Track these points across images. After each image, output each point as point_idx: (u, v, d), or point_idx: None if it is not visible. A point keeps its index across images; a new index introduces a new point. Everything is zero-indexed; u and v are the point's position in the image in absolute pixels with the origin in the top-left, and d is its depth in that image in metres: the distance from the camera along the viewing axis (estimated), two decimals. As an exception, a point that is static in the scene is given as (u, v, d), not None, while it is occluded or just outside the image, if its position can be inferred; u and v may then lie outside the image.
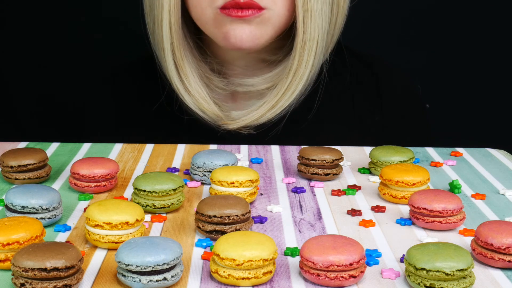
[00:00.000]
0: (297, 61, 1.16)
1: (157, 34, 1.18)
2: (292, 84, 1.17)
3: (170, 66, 1.18)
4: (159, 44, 1.18)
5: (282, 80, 1.18)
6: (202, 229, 0.82)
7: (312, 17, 1.13)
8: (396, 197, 0.94)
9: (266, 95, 1.20)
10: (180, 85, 1.19)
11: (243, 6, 1.12)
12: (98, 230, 0.78)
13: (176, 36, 1.16)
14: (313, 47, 1.15)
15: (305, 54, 1.15)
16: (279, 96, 1.18)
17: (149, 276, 0.70)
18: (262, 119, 1.19)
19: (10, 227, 0.74)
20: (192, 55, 1.21)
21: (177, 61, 1.18)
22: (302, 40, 1.15)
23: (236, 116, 1.21)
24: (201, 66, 1.22)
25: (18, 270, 0.68)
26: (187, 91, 1.19)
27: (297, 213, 0.91)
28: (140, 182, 0.89)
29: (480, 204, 0.95)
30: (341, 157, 1.02)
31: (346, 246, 0.72)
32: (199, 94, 1.19)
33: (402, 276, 0.75)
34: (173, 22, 1.15)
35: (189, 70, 1.19)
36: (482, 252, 0.77)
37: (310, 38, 1.14)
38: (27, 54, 1.66)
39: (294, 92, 1.17)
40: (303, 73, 1.16)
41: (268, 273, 0.72)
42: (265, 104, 1.19)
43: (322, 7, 1.14)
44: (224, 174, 0.92)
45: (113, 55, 1.63)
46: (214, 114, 1.20)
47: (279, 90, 1.18)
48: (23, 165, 0.98)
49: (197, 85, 1.19)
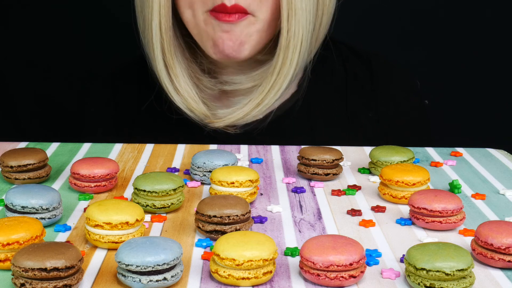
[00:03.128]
0: (281, 60, 1.17)
1: (147, 34, 1.18)
2: (276, 83, 1.18)
3: (160, 66, 1.19)
4: (149, 44, 1.19)
5: (266, 79, 1.18)
6: (202, 229, 0.82)
7: (296, 15, 1.14)
8: (396, 197, 0.94)
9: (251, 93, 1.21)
10: (169, 85, 1.20)
11: (230, 11, 1.13)
12: (98, 230, 0.79)
13: (166, 37, 1.17)
14: (298, 46, 1.16)
15: (289, 52, 1.16)
16: (263, 94, 1.19)
17: (149, 276, 0.70)
18: (248, 117, 1.20)
19: (10, 227, 0.74)
20: (183, 56, 1.22)
21: (167, 61, 1.19)
22: (286, 39, 1.15)
23: (222, 115, 1.22)
24: (192, 66, 1.23)
25: (18, 270, 0.68)
26: (177, 91, 1.20)
27: (297, 213, 0.91)
28: (140, 182, 0.89)
29: (480, 204, 0.95)
30: (341, 157, 1.02)
31: (346, 246, 0.72)
32: (188, 94, 1.20)
33: (402, 276, 0.75)
34: (163, 22, 1.16)
35: (179, 70, 1.20)
36: (482, 252, 0.77)
37: (295, 36, 1.15)
38: (27, 54, 1.66)
39: (278, 91, 1.18)
40: (287, 72, 1.17)
41: (268, 273, 0.72)
42: (250, 102, 1.20)
43: (306, 6, 1.14)
44: (224, 174, 0.92)
45: (113, 55, 1.63)
46: (202, 113, 1.21)
47: (264, 88, 1.19)
48: (23, 165, 0.98)
49: (187, 85, 1.20)
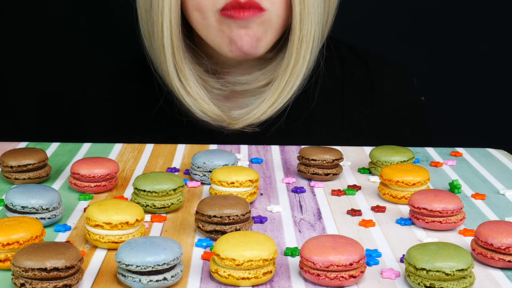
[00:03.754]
0: (294, 58, 1.16)
1: (156, 37, 1.17)
2: (290, 80, 1.17)
3: (170, 69, 1.17)
4: (159, 47, 1.17)
5: (279, 77, 1.18)
6: (202, 229, 0.82)
7: (309, 14, 1.13)
8: (396, 197, 0.94)
9: (263, 93, 1.21)
10: (180, 87, 1.19)
11: (244, 6, 1.12)
12: (98, 230, 0.78)
13: (176, 41, 1.16)
14: (310, 43, 1.16)
15: (302, 50, 1.16)
16: (278, 92, 1.18)
17: (149, 276, 0.70)
18: (264, 116, 1.20)
19: (10, 227, 0.74)
20: (189, 58, 1.21)
21: (177, 64, 1.18)
22: (299, 37, 1.15)
23: (238, 116, 1.21)
24: (196, 68, 1.22)
25: (18, 270, 0.68)
26: (187, 93, 1.19)
27: (297, 213, 0.91)
28: (140, 182, 0.89)
29: (480, 204, 0.95)
30: (341, 157, 1.02)
31: (346, 246, 0.72)
32: (198, 95, 1.19)
33: (402, 276, 0.75)
34: (173, 25, 1.15)
35: (188, 72, 1.19)
36: (482, 252, 0.77)
37: (308, 34, 1.15)
38: (27, 55, 1.66)
39: (292, 88, 1.18)
40: (300, 69, 1.17)
41: (268, 273, 0.72)
42: (265, 101, 1.19)
43: (318, 3, 1.14)
44: (224, 174, 0.92)
45: (113, 55, 1.63)
46: (215, 114, 1.20)
47: (278, 87, 1.18)
48: (23, 165, 0.98)
49: (196, 87, 1.20)
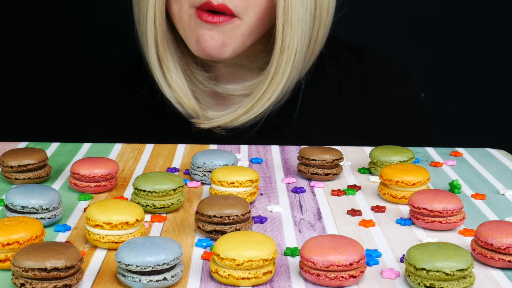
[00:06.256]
0: (274, 69, 1.16)
1: (142, 25, 1.19)
2: (267, 92, 1.17)
3: (152, 59, 1.19)
4: (143, 35, 1.19)
5: (258, 87, 1.18)
6: (202, 229, 0.82)
7: (292, 27, 1.13)
8: (396, 197, 0.94)
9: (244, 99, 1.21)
10: (161, 77, 1.20)
11: (216, 10, 1.13)
12: (98, 230, 0.78)
13: (160, 29, 1.17)
14: (291, 56, 1.15)
15: (282, 62, 1.15)
16: (253, 102, 1.19)
17: (149, 276, 0.70)
18: (235, 122, 1.20)
19: (10, 227, 0.74)
20: (176, 47, 1.22)
21: (160, 54, 1.19)
22: (280, 48, 1.15)
23: (211, 116, 1.22)
24: (185, 58, 1.22)
25: (18, 270, 0.68)
26: (168, 84, 1.20)
27: (297, 213, 0.91)
28: (140, 182, 0.89)
29: (480, 204, 0.95)
30: (341, 157, 1.02)
31: (346, 246, 0.72)
32: (179, 88, 1.20)
33: (402, 276, 0.75)
34: (157, 15, 1.16)
35: (171, 63, 1.20)
36: (482, 252, 0.77)
37: (289, 47, 1.14)
38: (27, 55, 1.66)
39: (269, 99, 1.18)
40: (279, 81, 1.16)
41: (268, 273, 0.72)
42: (239, 108, 1.20)
43: (303, 17, 1.13)
44: (224, 174, 0.92)
45: (113, 55, 1.63)
46: (192, 109, 1.21)
47: (254, 96, 1.19)
48: (23, 165, 0.98)
49: (179, 79, 1.20)
